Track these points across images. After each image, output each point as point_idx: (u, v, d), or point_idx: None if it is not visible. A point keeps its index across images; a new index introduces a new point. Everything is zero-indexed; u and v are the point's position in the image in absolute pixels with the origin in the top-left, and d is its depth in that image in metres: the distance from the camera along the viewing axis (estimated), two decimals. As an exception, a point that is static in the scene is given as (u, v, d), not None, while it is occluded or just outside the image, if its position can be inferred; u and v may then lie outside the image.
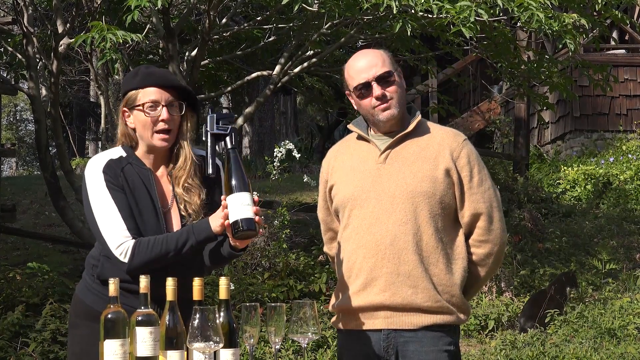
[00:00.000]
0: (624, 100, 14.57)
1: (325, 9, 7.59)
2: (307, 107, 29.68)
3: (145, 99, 3.20)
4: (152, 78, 3.23)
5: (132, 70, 3.42)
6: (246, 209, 2.97)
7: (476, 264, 3.32)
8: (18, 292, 7.40)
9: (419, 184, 3.23)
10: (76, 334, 3.29)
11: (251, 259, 8.37)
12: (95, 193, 3.16)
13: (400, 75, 3.33)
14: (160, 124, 3.20)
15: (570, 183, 12.50)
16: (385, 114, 3.26)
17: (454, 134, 3.36)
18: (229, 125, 3.08)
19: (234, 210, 2.97)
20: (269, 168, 9.12)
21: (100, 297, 3.18)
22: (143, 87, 3.21)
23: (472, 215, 3.28)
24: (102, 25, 6.49)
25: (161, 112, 3.20)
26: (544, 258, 9.44)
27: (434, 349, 3.23)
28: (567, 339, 7.50)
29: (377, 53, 3.32)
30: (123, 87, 3.28)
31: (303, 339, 3.08)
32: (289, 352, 6.93)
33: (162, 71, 3.30)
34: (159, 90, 3.22)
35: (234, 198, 2.98)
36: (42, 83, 8.63)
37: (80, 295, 3.29)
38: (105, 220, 3.13)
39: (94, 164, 3.21)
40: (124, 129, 3.27)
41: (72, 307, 3.36)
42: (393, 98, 3.26)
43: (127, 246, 3.10)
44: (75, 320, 3.31)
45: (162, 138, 3.22)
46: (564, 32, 7.28)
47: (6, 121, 32.00)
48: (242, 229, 2.97)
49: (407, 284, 3.20)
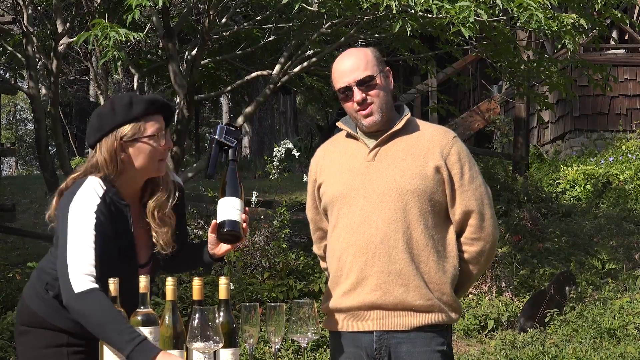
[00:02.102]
0: (623, 100, 14.57)
1: (325, 8, 7.59)
2: (307, 107, 29.67)
3: (153, 129, 3.06)
4: (155, 105, 3.08)
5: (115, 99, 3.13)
6: (235, 212, 3.06)
7: (468, 262, 3.30)
8: (18, 291, 7.39)
9: (408, 181, 3.20)
10: (27, 341, 3.17)
11: (251, 258, 8.37)
12: (79, 229, 2.95)
13: (386, 76, 3.28)
14: (164, 154, 3.11)
15: (570, 183, 12.50)
16: (367, 120, 3.24)
17: (444, 131, 3.34)
18: (234, 139, 3.15)
19: (222, 211, 3.06)
20: (268, 168, 9.12)
21: (56, 311, 3.08)
22: (146, 115, 3.06)
23: (463, 213, 3.26)
24: (105, 23, 6.48)
25: (168, 141, 3.11)
26: (543, 258, 9.44)
27: (427, 349, 3.21)
28: (567, 339, 7.50)
29: (361, 54, 3.26)
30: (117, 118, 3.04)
31: (303, 339, 3.08)
32: (289, 352, 6.93)
33: (155, 96, 3.14)
34: (160, 118, 3.10)
35: (225, 200, 3.07)
36: (42, 82, 8.63)
37: (33, 306, 3.16)
38: (78, 257, 2.91)
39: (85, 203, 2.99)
40: (110, 159, 3.05)
41: (21, 316, 3.23)
42: (374, 102, 3.23)
43: (87, 285, 2.86)
44: (25, 328, 3.19)
45: (163, 164, 3.13)
46: (564, 32, 7.27)
47: (6, 121, 32.00)
48: (226, 230, 3.05)
49: (398, 282, 3.17)
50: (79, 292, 2.86)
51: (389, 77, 3.30)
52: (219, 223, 3.06)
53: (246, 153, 19.96)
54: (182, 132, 8.38)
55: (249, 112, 8.98)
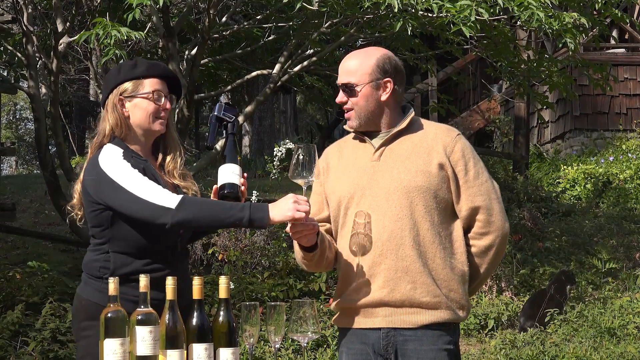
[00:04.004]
0: (623, 99, 14.56)
1: (326, 7, 7.58)
2: (307, 106, 29.68)
3: (151, 88, 3.28)
4: (157, 69, 3.33)
5: (123, 62, 3.47)
6: (233, 176, 3.28)
7: (476, 257, 3.31)
8: (18, 291, 7.39)
9: (413, 178, 3.24)
10: (92, 334, 3.15)
11: (251, 258, 8.37)
12: (125, 175, 3.12)
13: (380, 86, 3.28)
14: (162, 113, 3.31)
15: (570, 182, 12.49)
16: (347, 123, 3.36)
17: (447, 129, 3.37)
18: (233, 115, 3.40)
19: (223, 175, 3.28)
20: (269, 167, 9.12)
21: None
22: (146, 76, 3.29)
23: (470, 209, 3.28)
24: (106, 21, 6.48)
25: (166, 102, 3.31)
26: (543, 257, 9.43)
27: (434, 347, 3.23)
28: (567, 338, 7.49)
29: (361, 59, 3.31)
30: (120, 77, 3.29)
31: (303, 338, 3.08)
32: (289, 352, 6.93)
33: (158, 63, 3.41)
34: (161, 81, 3.32)
35: (225, 166, 3.30)
36: (42, 82, 8.62)
37: (93, 299, 3.21)
38: (147, 190, 3.08)
39: (111, 155, 3.18)
40: (118, 119, 3.26)
41: (79, 314, 3.27)
42: (353, 109, 3.30)
43: (177, 198, 3.06)
44: (87, 323, 3.21)
45: (161, 123, 3.32)
46: (564, 31, 7.27)
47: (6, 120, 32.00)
48: (227, 192, 3.25)
49: (405, 279, 3.20)
50: (176, 205, 3.04)
51: (385, 87, 3.30)
52: (220, 186, 3.26)
53: (246, 152, 19.96)
54: (182, 131, 8.38)
55: (249, 111, 8.97)
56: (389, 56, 3.33)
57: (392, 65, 3.31)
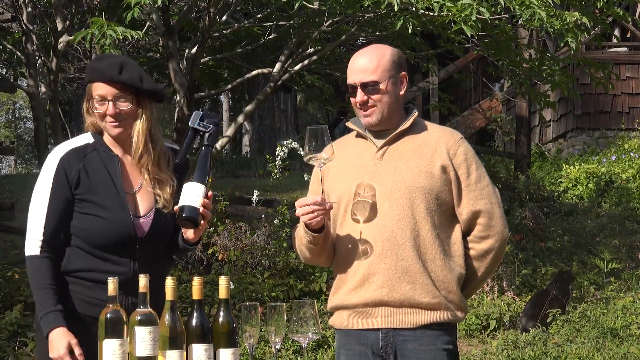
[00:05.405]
0: (625, 98, 14.54)
1: (327, 6, 7.56)
2: (308, 105, 29.68)
3: (94, 93, 3.25)
4: (96, 74, 3.25)
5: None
6: (196, 198, 3.11)
7: (475, 260, 3.31)
8: (16, 291, 7.38)
9: (416, 179, 3.23)
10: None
11: (251, 258, 8.34)
12: (39, 185, 3.25)
13: (398, 81, 3.29)
14: (108, 117, 3.25)
15: (572, 181, 12.47)
16: (366, 119, 3.30)
17: (451, 132, 3.38)
18: (211, 125, 3.22)
19: (184, 196, 3.12)
20: (270, 167, 9.10)
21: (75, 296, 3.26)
22: (90, 81, 3.27)
23: (471, 213, 3.28)
24: (102, 21, 6.47)
25: (107, 107, 3.24)
26: (545, 257, 9.41)
27: (433, 347, 3.23)
28: (569, 339, 7.47)
29: (375, 56, 3.29)
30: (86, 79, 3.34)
31: (303, 339, 3.07)
32: (289, 352, 6.90)
33: (106, 64, 3.26)
34: (105, 85, 3.23)
35: (188, 185, 3.13)
36: (42, 80, 8.61)
37: None
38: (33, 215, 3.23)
39: (56, 153, 3.28)
40: (89, 118, 3.33)
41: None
42: (376, 106, 3.27)
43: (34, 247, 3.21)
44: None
45: (113, 125, 3.26)
46: (566, 30, 7.24)
47: (5, 119, 32.02)
48: (184, 215, 3.11)
49: (405, 279, 3.19)
50: (27, 255, 3.22)
51: (402, 82, 3.32)
52: (179, 207, 3.13)
53: (246, 152, 19.95)
54: (182, 130, 8.35)
55: (250, 110, 8.95)
56: (398, 51, 3.36)
57: (404, 60, 3.35)
